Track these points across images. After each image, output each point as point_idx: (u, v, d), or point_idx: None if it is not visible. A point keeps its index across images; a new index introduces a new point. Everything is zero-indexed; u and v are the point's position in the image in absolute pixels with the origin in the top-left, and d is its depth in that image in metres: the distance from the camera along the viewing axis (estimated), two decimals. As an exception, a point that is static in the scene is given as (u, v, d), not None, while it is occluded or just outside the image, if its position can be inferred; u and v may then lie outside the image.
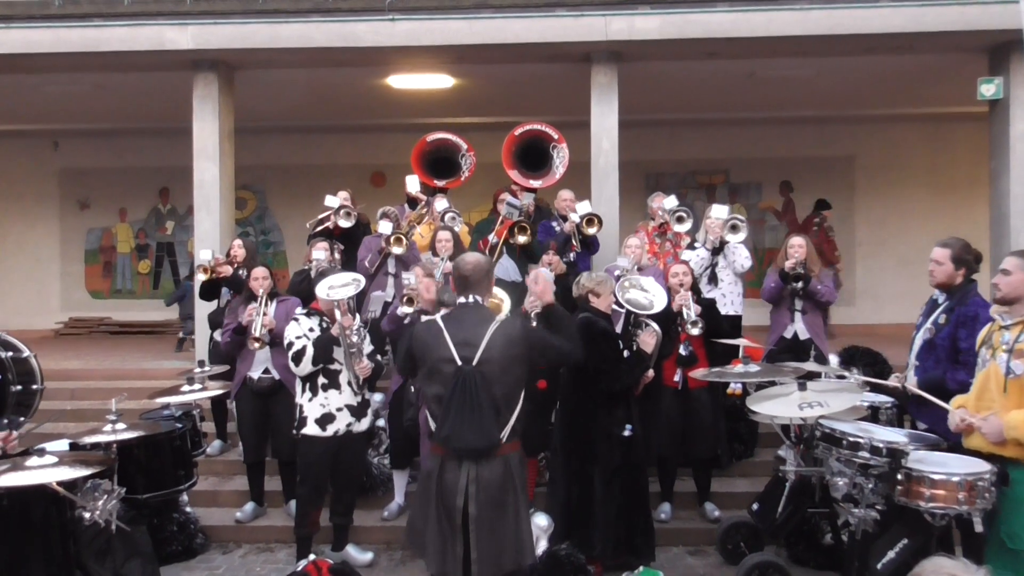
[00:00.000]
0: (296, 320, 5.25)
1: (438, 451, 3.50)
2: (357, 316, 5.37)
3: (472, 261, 3.62)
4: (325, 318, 5.25)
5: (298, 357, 5.07)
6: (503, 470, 3.41)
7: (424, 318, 5.07)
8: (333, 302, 5.10)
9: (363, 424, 5.34)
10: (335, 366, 5.20)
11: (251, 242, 7.71)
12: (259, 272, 6.04)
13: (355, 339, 5.17)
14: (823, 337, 6.36)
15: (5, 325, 11.10)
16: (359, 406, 5.29)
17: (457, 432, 3.33)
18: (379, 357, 5.61)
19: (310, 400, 5.19)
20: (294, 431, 5.26)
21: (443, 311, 3.76)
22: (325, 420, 5.16)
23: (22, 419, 4.66)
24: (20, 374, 4.85)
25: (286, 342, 5.18)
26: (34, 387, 4.91)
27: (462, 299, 3.58)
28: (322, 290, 5.19)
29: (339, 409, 5.19)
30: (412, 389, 5.56)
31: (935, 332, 4.60)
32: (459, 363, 3.38)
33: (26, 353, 4.93)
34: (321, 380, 5.19)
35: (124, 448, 4.59)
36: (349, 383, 5.24)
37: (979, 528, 3.69)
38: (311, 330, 5.17)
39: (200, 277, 7.03)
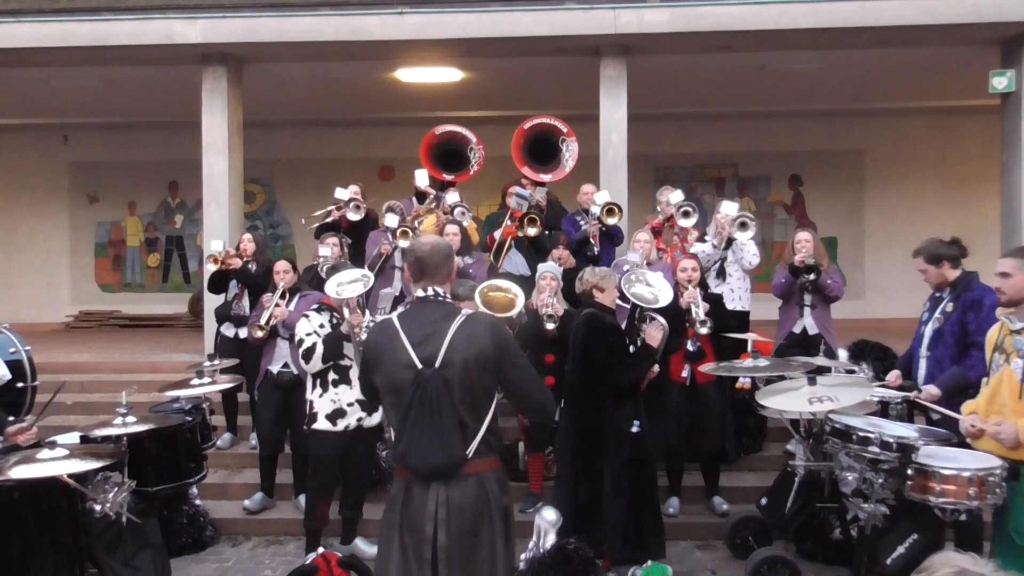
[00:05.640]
0: (307, 316, 5.28)
1: (403, 474, 2.99)
2: (367, 313, 5.38)
3: (429, 243, 3.14)
4: (335, 314, 5.29)
5: (308, 354, 5.11)
6: (477, 493, 2.91)
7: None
8: (343, 299, 5.12)
9: (374, 419, 5.34)
10: (345, 362, 5.23)
11: (260, 236, 7.74)
12: (281, 266, 6.12)
13: (365, 336, 5.12)
14: (832, 332, 6.35)
15: (16, 318, 11.14)
16: None
17: (415, 448, 2.86)
18: None
19: (320, 396, 5.22)
20: (305, 426, 5.31)
21: (400, 309, 3.34)
22: (336, 415, 5.19)
23: (12, 418, 4.57)
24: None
25: (296, 339, 5.23)
26: (20, 385, 4.84)
27: (419, 291, 3.09)
28: (331, 288, 5.18)
29: (350, 404, 5.21)
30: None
31: (944, 320, 4.73)
32: (419, 367, 2.89)
33: (14, 348, 4.87)
34: (332, 376, 5.22)
35: (134, 441, 4.59)
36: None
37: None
38: (321, 326, 5.21)
39: (209, 267, 7.06)
